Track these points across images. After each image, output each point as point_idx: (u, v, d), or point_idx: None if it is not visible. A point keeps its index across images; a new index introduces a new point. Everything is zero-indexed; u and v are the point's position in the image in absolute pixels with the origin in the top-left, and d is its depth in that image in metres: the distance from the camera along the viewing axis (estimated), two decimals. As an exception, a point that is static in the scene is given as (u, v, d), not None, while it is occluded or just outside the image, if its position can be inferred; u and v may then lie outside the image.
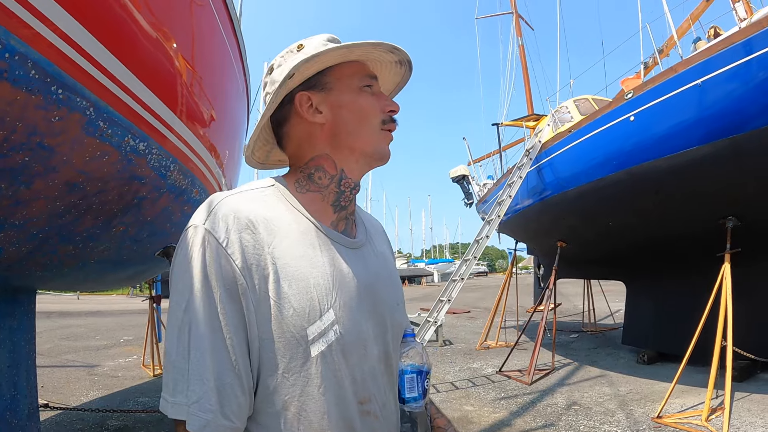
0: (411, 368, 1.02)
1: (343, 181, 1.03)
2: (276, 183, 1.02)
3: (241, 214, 0.88)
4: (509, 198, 9.49)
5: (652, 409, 5.83)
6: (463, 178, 18.62)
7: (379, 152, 1.05)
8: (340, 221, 1.04)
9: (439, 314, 8.34)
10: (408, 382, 1.01)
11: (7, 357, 3.12)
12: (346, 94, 1.02)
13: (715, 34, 7.69)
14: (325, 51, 0.96)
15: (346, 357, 0.89)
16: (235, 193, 0.94)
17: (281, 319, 0.85)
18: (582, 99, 10.32)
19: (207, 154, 3.85)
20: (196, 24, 3.37)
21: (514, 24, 18.34)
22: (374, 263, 1.07)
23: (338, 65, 1.03)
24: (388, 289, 1.07)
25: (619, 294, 11.24)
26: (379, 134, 1.04)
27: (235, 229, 0.86)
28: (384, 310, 1.02)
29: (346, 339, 0.89)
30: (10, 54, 1.71)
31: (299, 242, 0.92)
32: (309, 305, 0.86)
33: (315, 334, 0.86)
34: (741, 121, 5.53)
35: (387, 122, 1.04)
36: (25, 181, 2.11)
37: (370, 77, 1.06)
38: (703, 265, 6.62)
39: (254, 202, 0.93)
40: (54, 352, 10.80)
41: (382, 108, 1.04)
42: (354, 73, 1.04)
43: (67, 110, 2.04)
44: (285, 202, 0.98)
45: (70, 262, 3.12)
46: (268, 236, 0.88)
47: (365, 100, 1.03)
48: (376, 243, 1.15)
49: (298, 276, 0.87)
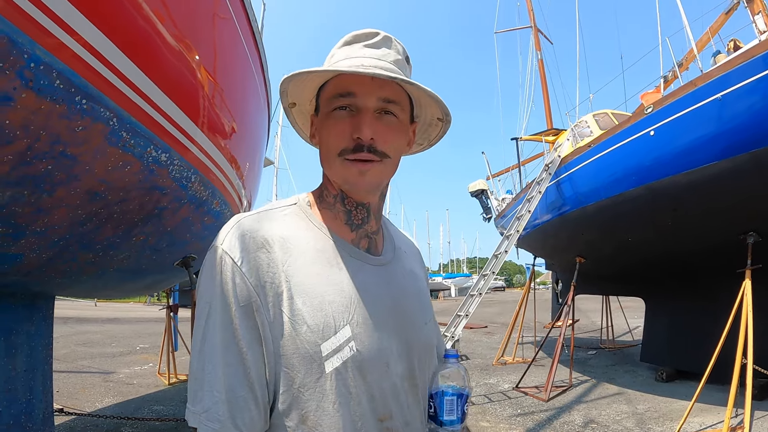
0: (452, 390, 1.00)
1: (345, 200, 1.00)
2: (299, 201, 1.02)
3: (258, 234, 0.90)
4: (528, 213, 9.43)
5: (670, 428, 5.72)
6: (481, 193, 18.59)
7: (344, 183, 0.97)
8: (362, 239, 1.02)
9: (456, 329, 8.28)
10: (447, 404, 0.98)
11: (24, 361, 3.16)
12: (320, 120, 0.99)
13: (735, 47, 7.61)
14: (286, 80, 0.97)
15: (364, 373, 0.88)
16: (254, 213, 0.95)
17: (295, 335, 0.85)
18: (602, 113, 10.27)
19: (228, 166, 3.88)
20: (219, 37, 3.41)
21: (533, 38, 18.34)
22: (401, 281, 1.04)
23: (329, 82, 0.98)
24: (416, 307, 1.04)
25: (638, 310, 11.09)
26: (340, 165, 0.94)
27: (251, 249, 0.87)
28: (409, 327, 1.00)
29: (363, 355, 0.88)
30: (35, 64, 1.74)
31: (315, 260, 0.92)
32: (323, 321, 0.86)
33: (329, 350, 0.86)
34: (762, 134, 5.46)
35: (347, 151, 0.92)
36: (48, 189, 2.14)
37: (341, 95, 0.93)
38: (724, 282, 6.52)
39: (272, 222, 0.94)
40: (70, 357, 10.89)
41: (342, 136, 0.93)
42: (328, 93, 0.97)
43: (90, 120, 2.07)
44: (306, 220, 0.98)
45: (89, 270, 3.16)
46: (284, 255, 0.89)
47: (328, 127, 0.95)
48: (406, 261, 1.12)
49: (313, 293, 0.88)
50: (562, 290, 12.46)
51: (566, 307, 8.82)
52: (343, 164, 0.93)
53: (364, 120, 0.91)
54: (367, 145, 0.91)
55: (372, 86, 0.92)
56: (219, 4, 3.31)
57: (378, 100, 0.93)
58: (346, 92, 0.92)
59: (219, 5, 3.31)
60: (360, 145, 0.91)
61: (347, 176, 0.94)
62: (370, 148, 0.92)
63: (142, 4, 2.24)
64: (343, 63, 0.93)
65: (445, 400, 0.98)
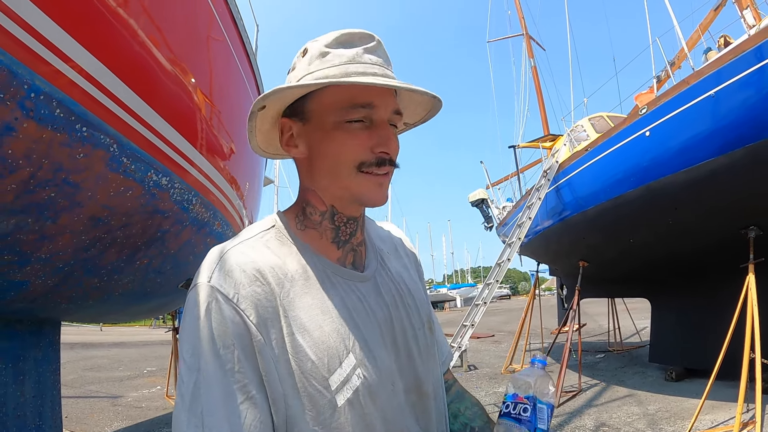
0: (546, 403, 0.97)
1: (335, 216, 0.93)
2: (276, 222, 0.94)
3: (248, 266, 0.82)
4: (529, 220, 9.45)
5: (682, 427, 5.68)
6: (482, 202, 18.58)
7: (359, 198, 0.90)
8: (348, 254, 0.96)
9: (462, 339, 8.27)
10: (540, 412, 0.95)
11: (32, 387, 3.17)
12: (319, 130, 0.88)
13: (725, 43, 7.65)
14: (278, 91, 0.85)
15: (374, 398, 0.84)
16: (236, 243, 0.87)
17: (301, 373, 0.79)
18: (597, 117, 10.30)
19: (228, 187, 3.92)
20: (214, 59, 3.46)
21: (526, 45, 18.43)
22: (389, 289, 0.99)
23: (325, 89, 0.87)
24: (408, 313, 0.99)
25: (645, 311, 11.05)
26: (354, 179, 0.87)
27: (244, 283, 0.80)
28: (407, 338, 0.96)
29: (370, 380, 0.84)
30: (35, 94, 1.78)
31: (307, 289, 0.86)
32: (327, 354, 0.81)
33: (338, 383, 0.81)
34: (756, 129, 5.47)
35: (368, 165, 0.86)
36: (52, 216, 2.18)
37: (361, 106, 0.85)
38: (728, 277, 6.50)
39: (257, 251, 0.86)
40: (78, 382, 10.86)
41: (370, 147, 0.86)
42: (335, 102, 0.86)
43: (91, 147, 2.11)
44: (288, 244, 0.90)
45: (94, 295, 3.18)
46: (277, 286, 0.82)
47: (339, 137, 0.86)
48: (390, 264, 1.05)
49: (311, 326, 0.82)
50: (567, 295, 12.43)
51: (572, 311, 8.80)
52: (359, 177, 0.87)
53: (389, 134, 0.88)
54: (389, 159, 0.88)
55: (390, 98, 0.88)
56: (213, 27, 3.36)
57: (391, 112, 0.89)
58: (366, 103, 0.85)
59: (213, 28, 3.36)
60: (383, 160, 0.87)
61: (364, 190, 0.88)
62: (391, 161, 0.89)
63: (138, 30, 2.29)
64: (352, 68, 0.84)
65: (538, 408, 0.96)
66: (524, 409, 0.95)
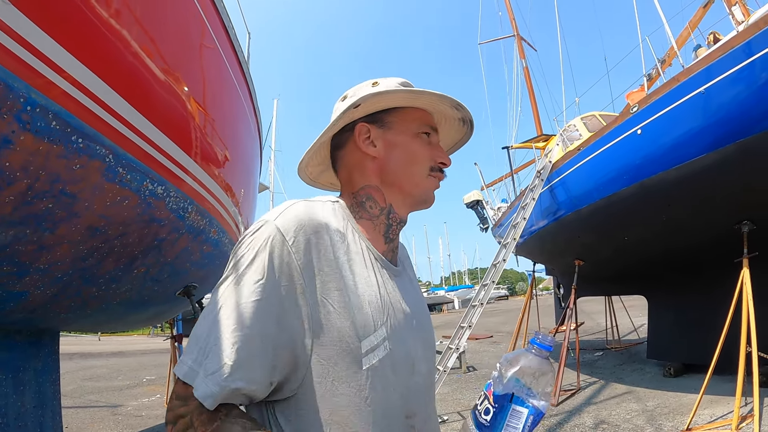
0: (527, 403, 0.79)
1: (391, 214, 1.09)
2: (339, 201, 1.06)
3: (314, 219, 0.92)
4: (524, 220, 9.46)
5: (681, 422, 5.71)
6: (477, 203, 18.55)
7: (423, 195, 1.10)
8: (389, 252, 1.09)
9: (460, 341, 8.26)
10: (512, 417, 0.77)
11: (32, 398, 3.18)
12: (402, 135, 1.08)
13: (714, 39, 7.69)
14: (394, 91, 1.04)
15: (396, 372, 0.93)
16: (304, 200, 0.98)
17: (339, 328, 0.87)
18: (589, 116, 10.34)
19: (223, 194, 3.94)
20: (206, 68, 3.49)
21: (517, 46, 18.50)
22: (411, 289, 1.11)
23: (403, 109, 1.10)
24: (423, 312, 1.11)
25: (642, 308, 11.08)
26: (425, 178, 1.08)
27: (304, 232, 0.88)
28: (425, 332, 1.07)
29: (395, 355, 0.93)
30: (31, 107, 1.81)
31: (358, 260, 0.96)
32: (364, 320, 0.89)
33: (368, 348, 0.88)
34: (746, 124, 5.52)
35: (435, 170, 1.09)
36: (49, 227, 2.20)
37: (431, 127, 1.11)
38: (723, 272, 6.54)
39: (326, 212, 0.97)
40: (77, 393, 10.83)
41: (433, 157, 1.09)
42: (415, 119, 1.10)
43: (87, 158, 2.14)
44: (348, 220, 1.02)
45: (93, 304, 3.20)
46: (334, 245, 0.92)
47: (418, 145, 1.08)
48: (409, 271, 1.20)
49: (356, 291, 0.91)
50: (564, 294, 12.46)
51: (569, 310, 8.84)
52: (428, 178, 1.09)
53: (445, 152, 1.14)
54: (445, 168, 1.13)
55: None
56: (205, 36, 3.38)
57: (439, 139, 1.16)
58: (434, 127, 1.13)
59: (205, 37, 3.39)
60: (443, 169, 1.12)
61: (428, 188, 1.10)
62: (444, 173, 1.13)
63: (130, 41, 2.31)
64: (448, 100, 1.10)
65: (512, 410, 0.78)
66: (486, 409, 0.81)
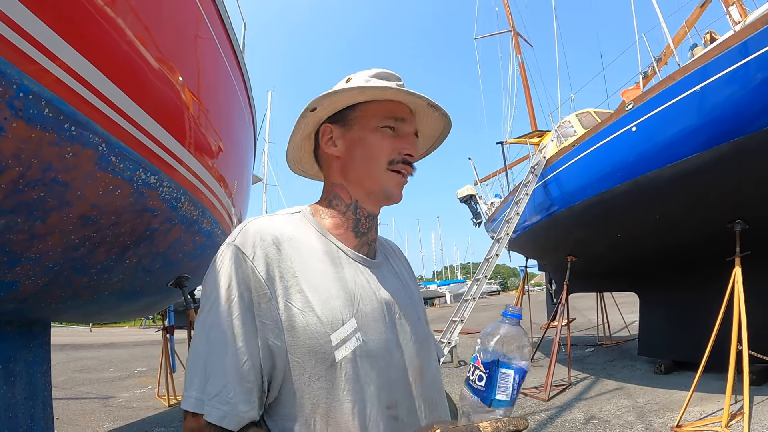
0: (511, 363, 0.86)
1: (358, 210, 1.10)
2: (302, 211, 1.10)
3: (268, 232, 0.97)
4: (517, 215, 9.49)
5: (671, 419, 5.75)
6: (470, 198, 18.59)
7: (383, 191, 1.09)
8: (363, 246, 1.11)
9: (452, 335, 8.30)
10: (502, 379, 0.85)
11: (23, 389, 3.16)
12: (362, 131, 1.08)
13: (711, 39, 7.72)
14: (343, 90, 1.04)
15: (371, 363, 0.94)
16: (263, 216, 1.03)
17: (305, 326, 0.90)
18: (584, 112, 10.36)
19: (216, 185, 3.92)
20: (201, 58, 3.46)
21: (513, 42, 18.49)
22: (392, 281, 1.12)
23: (369, 103, 1.09)
24: (407, 303, 1.11)
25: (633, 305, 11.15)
26: (384, 174, 1.07)
27: (262, 246, 0.94)
28: (407, 322, 1.07)
29: (369, 346, 0.95)
30: (24, 93, 1.78)
31: (321, 259, 1.00)
32: (331, 314, 0.92)
33: (338, 341, 0.91)
34: (741, 124, 5.54)
35: (395, 162, 1.07)
36: (41, 216, 2.18)
37: (395, 119, 1.08)
38: (715, 271, 6.58)
39: (281, 224, 1.02)
40: (68, 384, 10.81)
41: (398, 149, 1.07)
42: (377, 113, 1.08)
43: (80, 146, 2.11)
44: (310, 226, 1.06)
45: (84, 294, 3.18)
46: (292, 252, 0.97)
47: (376, 139, 1.07)
48: (393, 264, 1.20)
49: (320, 288, 0.95)
50: (556, 290, 12.52)
51: (561, 306, 8.87)
52: (387, 174, 1.07)
53: (414, 142, 1.11)
54: (410, 162, 1.09)
55: (413, 119, 1.14)
56: (200, 25, 3.36)
57: (414, 130, 1.12)
58: (400, 117, 1.09)
59: (200, 27, 3.36)
60: (407, 161, 1.08)
61: (391, 185, 1.08)
62: (411, 164, 1.10)
63: (125, 29, 2.29)
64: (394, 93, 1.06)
65: (501, 373, 0.85)
66: (479, 377, 0.88)
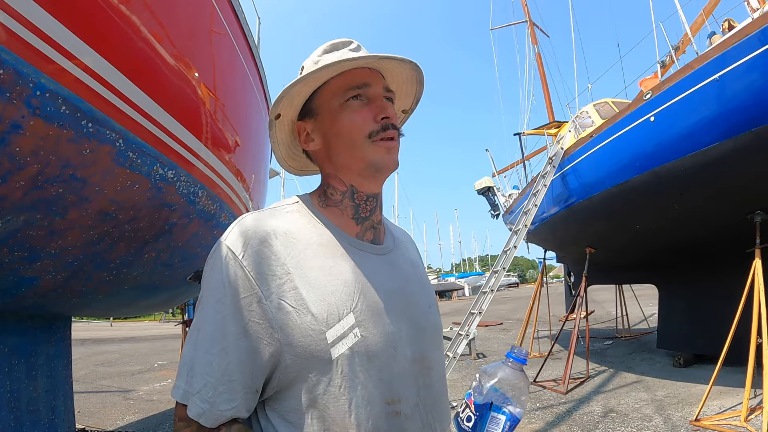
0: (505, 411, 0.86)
1: (355, 195, 1.05)
2: (300, 200, 1.06)
3: (259, 229, 0.94)
4: (535, 207, 9.41)
5: (690, 413, 5.69)
6: (488, 190, 18.46)
7: (374, 165, 1.01)
8: (367, 231, 1.06)
9: (470, 327, 8.24)
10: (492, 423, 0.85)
11: (45, 382, 3.22)
12: (329, 116, 1.03)
13: (729, 27, 7.57)
14: (288, 89, 0.99)
15: (371, 358, 0.91)
16: (258, 211, 0.99)
17: (300, 324, 0.88)
18: (602, 102, 10.24)
19: (233, 179, 3.93)
20: (217, 53, 3.47)
21: (529, 32, 18.29)
22: (403, 267, 1.09)
23: (326, 84, 1.03)
24: (420, 291, 1.08)
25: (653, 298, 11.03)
26: (368, 148, 1.00)
27: (252, 243, 0.92)
28: (417, 311, 1.03)
29: (369, 341, 0.92)
30: (41, 92, 1.80)
31: (317, 253, 0.95)
32: (326, 310, 0.89)
33: (334, 338, 0.89)
34: (762, 112, 5.43)
35: (376, 133, 1.00)
36: (60, 212, 2.20)
37: (357, 87, 1.01)
38: (735, 263, 6.48)
39: (274, 218, 0.98)
40: (89, 377, 10.98)
41: (371, 118, 1.00)
42: (336, 90, 1.02)
43: (97, 142, 2.13)
44: (308, 216, 1.02)
45: (104, 289, 3.22)
46: (285, 248, 0.93)
47: (345, 117, 1.01)
48: (404, 250, 1.16)
49: (315, 284, 0.91)
50: (575, 282, 12.42)
51: (579, 298, 8.81)
52: (372, 146, 1.00)
53: (386, 104, 1.03)
54: (391, 123, 1.01)
55: (379, 79, 1.05)
56: (215, 21, 3.37)
57: (383, 89, 1.04)
58: (361, 84, 1.01)
59: (215, 22, 3.37)
60: (386, 125, 1.00)
61: (378, 156, 1.01)
62: (393, 126, 1.02)
63: (140, 26, 2.30)
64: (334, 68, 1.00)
65: (491, 417, 0.86)
66: (468, 417, 0.88)
